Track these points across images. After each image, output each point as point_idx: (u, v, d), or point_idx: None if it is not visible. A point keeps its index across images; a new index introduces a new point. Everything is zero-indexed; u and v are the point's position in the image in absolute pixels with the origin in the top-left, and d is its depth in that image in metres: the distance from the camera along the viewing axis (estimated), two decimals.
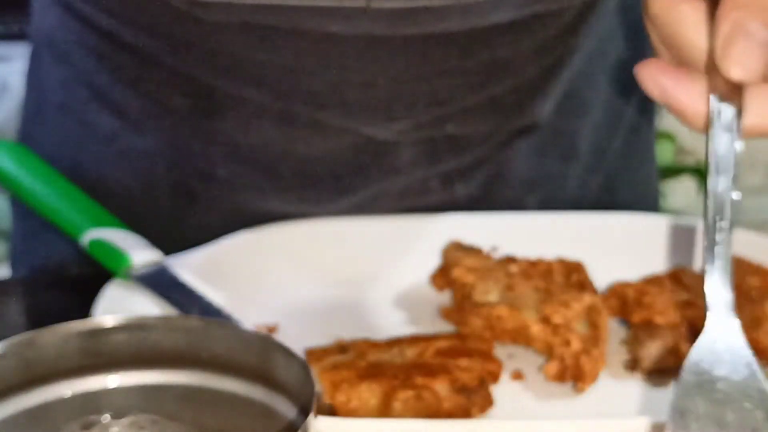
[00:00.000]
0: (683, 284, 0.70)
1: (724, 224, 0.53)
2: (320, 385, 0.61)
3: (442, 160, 0.81)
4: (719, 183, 0.53)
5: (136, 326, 0.46)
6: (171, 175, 0.82)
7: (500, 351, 0.67)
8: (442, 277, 0.73)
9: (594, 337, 0.66)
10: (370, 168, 0.80)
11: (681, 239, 0.75)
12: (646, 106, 0.90)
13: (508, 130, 0.82)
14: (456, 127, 0.80)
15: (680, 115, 0.55)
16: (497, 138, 0.82)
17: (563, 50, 0.81)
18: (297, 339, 0.63)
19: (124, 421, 0.47)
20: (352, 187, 0.81)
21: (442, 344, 0.65)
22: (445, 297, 0.73)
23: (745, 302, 0.68)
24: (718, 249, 0.53)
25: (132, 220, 0.74)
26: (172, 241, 0.73)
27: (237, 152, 0.80)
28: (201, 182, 0.81)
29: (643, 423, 0.57)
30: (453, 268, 0.72)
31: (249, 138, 0.80)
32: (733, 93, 0.53)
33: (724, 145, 0.53)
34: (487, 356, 0.65)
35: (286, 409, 0.44)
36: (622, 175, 0.89)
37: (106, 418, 0.46)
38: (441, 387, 0.61)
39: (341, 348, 0.66)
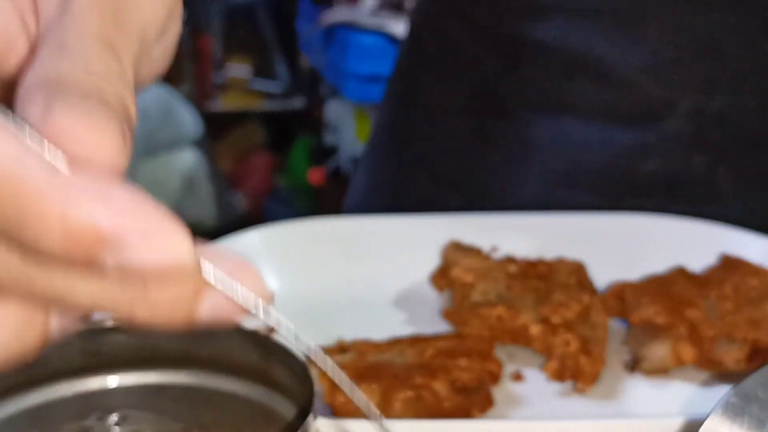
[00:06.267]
0: (683, 284, 0.70)
1: None
2: (320, 385, 0.61)
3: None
4: None
5: (136, 326, 0.46)
6: None
7: (500, 351, 0.67)
8: (442, 277, 0.73)
9: (594, 337, 0.66)
10: None
11: (681, 239, 0.75)
12: None
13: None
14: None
15: None
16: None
17: None
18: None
19: (125, 421, 0.47)
20: None
21: (442, 344, 0.65)
22: (445, 297, 0.73)
23: (745, 303, 0.68)
24: None
25: None
26: None
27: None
28: None
29: (644, 423, 0.57)
30: (453, 268, 0.72)
31: None
32: None
33: None
34: (487, 356, 0.65)
35: (286, 409, 0.43)
36: None
37: (107, 418, 0.46)
38: (441, 387, 0.61)
39: (341, 348, 0.66)
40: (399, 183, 0.90)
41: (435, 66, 0.89)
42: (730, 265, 0.71)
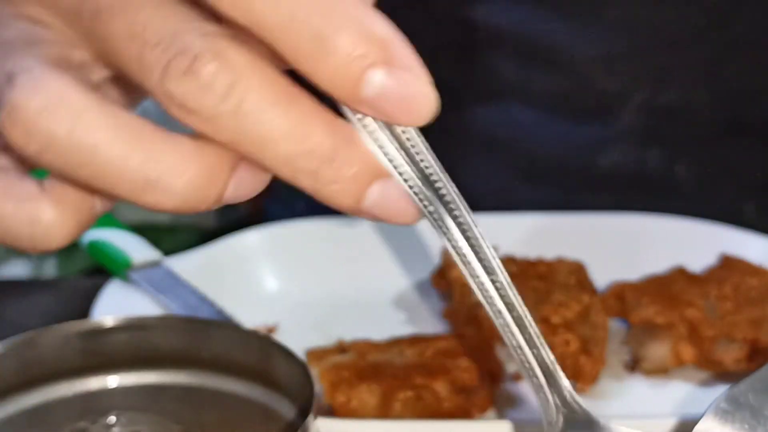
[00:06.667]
0: (683, 284, 0.70)
1: None
2: (320, 385, 0.61)
3: None
4: None
5: (136, 326, 0.46)
6: None
7: (500, 351, 0.67)
8: (442, 277, 0.73)
9: (594, 337, 0.66)
10: None
11: (681, 239, 0.75)
12: None
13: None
14: None
15: None
16: None
17: None
18: (297, 339, 0.63)
19: (124, 421, 0.47)
20: None
21: (442, 344, 0.65)
22: (445, 297, 0.73)
23: (744, 302, 0.68)
24: None
25: None
26: None
27: None
28: None
29: (643, 424, 0.57)
30: (453, 268, 0.72)
31: None
32: None
33: None
34: (487, 356, 0.64)
35: (286, 410, 0.43)
36: None
37: (107, 418, 0.46)
38: (441, 387, 0.61)
39: (341, 348, 0.66)
40: None
41: None
42: (730, 265, 0.71)
